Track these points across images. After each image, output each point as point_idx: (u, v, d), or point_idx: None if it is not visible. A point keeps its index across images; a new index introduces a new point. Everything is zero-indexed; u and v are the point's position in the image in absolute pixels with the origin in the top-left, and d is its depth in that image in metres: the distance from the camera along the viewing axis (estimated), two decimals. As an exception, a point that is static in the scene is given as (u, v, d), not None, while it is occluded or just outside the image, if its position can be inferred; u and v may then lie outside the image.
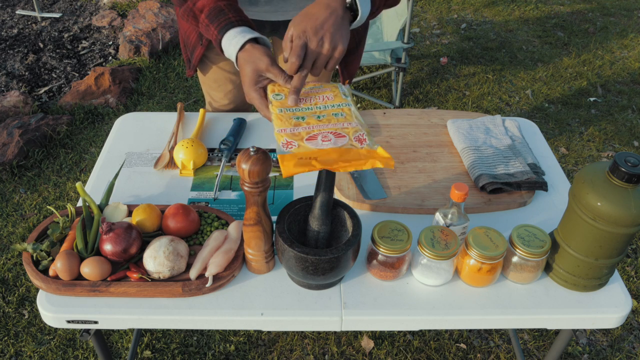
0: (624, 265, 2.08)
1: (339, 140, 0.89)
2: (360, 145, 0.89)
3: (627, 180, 0.87)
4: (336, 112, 0.95)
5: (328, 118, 0.93)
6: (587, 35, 3.68)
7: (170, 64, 3.28)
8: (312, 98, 0.98)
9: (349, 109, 0.96)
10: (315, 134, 0.89)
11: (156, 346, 1.79)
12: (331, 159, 0.85)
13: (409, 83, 3.16)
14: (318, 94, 1.00)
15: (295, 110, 0.95)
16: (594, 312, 1.00)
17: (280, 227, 0.97)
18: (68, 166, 2.53)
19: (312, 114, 0.94)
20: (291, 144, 0.88)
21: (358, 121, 0.94)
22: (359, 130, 0.91)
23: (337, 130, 0.91)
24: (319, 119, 0.93)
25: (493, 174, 1.21)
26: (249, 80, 1.01)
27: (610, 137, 2.78)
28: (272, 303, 1.00)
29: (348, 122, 0.92)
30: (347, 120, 0.93)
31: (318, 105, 0.96)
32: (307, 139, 0.89)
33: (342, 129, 0.91)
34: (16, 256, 2.08)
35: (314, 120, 0.93)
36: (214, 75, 1.46)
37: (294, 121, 0.92)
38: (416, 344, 1.81)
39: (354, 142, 0.89)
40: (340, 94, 1.00)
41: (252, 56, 1.00)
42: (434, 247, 0.97)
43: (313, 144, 0.87)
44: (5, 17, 3.80)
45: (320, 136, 0.89)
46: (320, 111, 0.95)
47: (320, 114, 0.94)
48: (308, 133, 0.90)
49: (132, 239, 1.02)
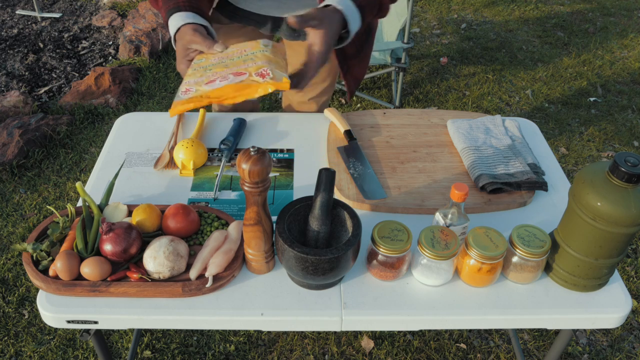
0: (624, 265, 2.08)
1: (237, 77, 0.86)
2: (262, 79, 0.85)
3: (627, 180, 0.87)
4: (246, 59, 0.91)
5: (235, 62, 0.90)
6: (587, 35, 3.68)
7: (170, 64, 3.28)
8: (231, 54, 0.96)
9: (262, 55, 0.91)
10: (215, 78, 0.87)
11: (156, 346, 1.79)
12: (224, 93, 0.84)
13: (409, 83, 3.16)
14: (238, 48, 0.98)
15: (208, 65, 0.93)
16: (594, 312, 1.00)
17: (280, 227, 0.97)
18: (68, 166, 2.53)
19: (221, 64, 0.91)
20: (189, 90, 0.87)
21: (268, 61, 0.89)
22: (264, 67, 0.87)
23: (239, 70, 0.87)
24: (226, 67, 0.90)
25: (493, 174, 1.21)
26: (179, 55, 1.05)
27: (610, 137, 2.78)
28: (272, 303, 1.00)
29: (254, 62, 0.89)
30: (254, 61, 0.89)
31: (232, 58, 0.93)
32: (207, 83, 0.87)
33: (245, 68, 0.87)
34: (16, 256, 2.08)
35: (220, 67, 0.90)
36: None
37: (201, 72, 0.91)
38: (416, 344, 1.81)
39: (254, 77, 0.86)
40: (260, 45, 0.97)
41: (182, 34, 1.04)
42: (434, 247, 0.97)
43: (210, 86, 0.86)
44: (5, 17, 3.80)
45: (218, 79, 0.87)
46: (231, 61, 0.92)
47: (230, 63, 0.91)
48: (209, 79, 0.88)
49: (132, 239, 1.02)
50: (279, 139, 1.39)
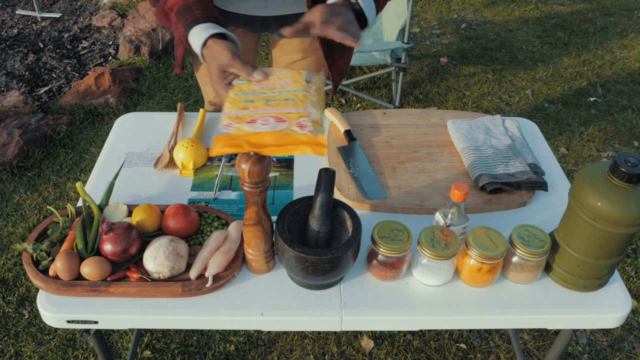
0: (624, 265, 2.08)
1: (278, 124, 0.86)
2: (301, 130, 0.86)
3: (627, 180, 0.87)
4: (288, 97, 0.90)
5: (277, 102, 0.90)
6: (587, 35, 3.68)
7: (170, 64, 3.28)
8: (272, 83, 0.95)
9: (303, 95, 0.91)
10: (256, 117, 0.87)
11: (156, 346, 1.79)
12: (264, 142, 0.85)
13: (409, 83, 3.16)
14: (279, 79, 0.96)
15: (249, 94, 0.92)
16: (594, 312, 1.00)
17: (280, 227, 0.97)
18: (68, 166, 2.53)
19: (263, 98, 0.91)
20: (231, 125, 0.87)
21: (309, 107, 0.89)
22: (304, 116, 0.87)
23: (280, 115, 0.87)
24: (267, 103, 0.90)
25: (493, 174, 1.21)
26: (215, 77, 1.00)
27: (610, 137, 2.78)
28: (272, 303, 1.00)
29: (295, 107, 0.88)
30: (296, 105, 0.89)
31: (274, 90, 0.93)
32: (248, 122, 0.87)
33: (285, 113, 0.88)
34: (16, 256, 2.08)
35: (262, 104, 0.90)
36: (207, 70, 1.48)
37: (242, 104, 0.90)
38: (416, 344, 1.81)
39: (294, 127, 0.86)
40: (301, 80, 0.95)
41: (214, 52, 1.00)
42: (434, 247, 0.97)
43: (251, 127, 0.86)
44: (5, 17, 3.80)
45: (260, 120, 0.86)
46: (273, 96, 0.91)
47: (272, 98, 0.91)
48: (250, 116, 0.87)
49: (132, 239, 1.02)
50: (279, 139, 1.38)
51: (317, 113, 0.90)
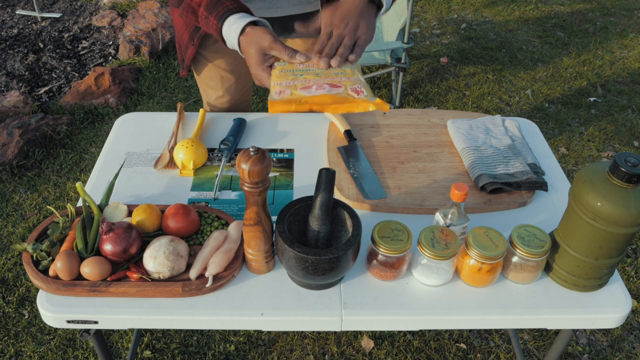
0: (624, 265, 2.08)
1: (333, 89, 0.88)
2: (357, 95, 0.88)
3: (627, 180, 0.87)
4: (337, 72, 0.93)
5: (327, 74, 0.92)
6: (587, 35, 3.68)
7: (170, 64, 3.28)
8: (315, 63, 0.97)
9: (351, 70, 0.93)
10: (310, 84, 0.88)
11: (156, 346, 1.79)
12: (324, 102, 0.85)
13: (409, 83, 3.16)
14: None
15: (296, 70, 0.94)
16: (594, 312, 1.00)
17: (280, 227, 0.97)
18: (68, 166, 2.53)
19: (312, 72, 0.93)
20: (284, 92, 0.88)
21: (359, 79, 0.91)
22: (357, 84, 0.88)
23: (334, 82, 0.89)
24: (317, 75, 0.92)
25: (493, 174, 1.21)
26: (255, 60, 1.01)
27: (610, 137, 2.78)
28: (272, 303, 1.00)
29: (347, 77, 0.91)
30: (347, 76, 0.91)
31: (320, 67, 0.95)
32: (301, 88, 0.88)
33: (339, 81, 0.90)
34: (16, 256, 2.08)
35: (312, 75, 0.92)
36: (209, 72, 1.48)
37: (292, 76, 0.91)
38: (416, 344, 1.81)
39: (350, 92, 0.88)
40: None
41: (254, 37, 1.01)
42: (434, 247, 0.97)
43: (306, 92, 0.87)
44: (5, 17, 3.80)
45: (314, 86, 0.88)
46: (320, 70, 0.94)
47: (320, 72, 0.93)
48: (304, 84, 0.89)
49: (132, 239, 1.02)
50: (279, 139, 1.39)
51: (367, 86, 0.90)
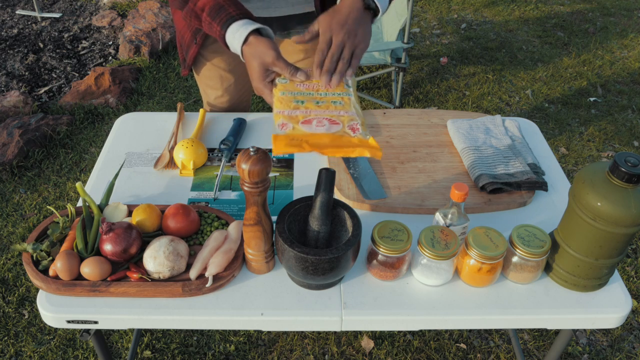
0: (624, 265, 2.08)
1: (332, 126, 0.91)
2: (353, 133, 0.92)
3: (627, 180, 0.87)
4: (335, 100, 0.97)
5: (326, 105, 0.95)
6: (587, 35, 3.68)
7: (170, 64, 3.28)
8: (315, 85, 1.00)
9: (348, 99, 0.98)
10: (310, 118, 0.92)
11: (156, 346, 1.79)
12: (322, 142, 0.89)
13: (409, 83, 3.16)
14: None
15: (297, 94, 0.97)
16: (594, 312, 1.00)
17: (280, 227, 0.97)
18: (68, 166, 2.53)
19: (312, 99, 0.96)
20: (286, 125, 0.92)
21: (355, 111, 0.96)
22: (354, 119, 0.93)
23: (333, 117, 0.93)
24: (317, 105, 0.95)
25: (493, 174, 1.21)
26: (257, 75, 1.02)
27: (610, 137, 2.78)
28: (272, 303, 1.00)
29: (345, 110, 0.95)
30: (345, 109, 0.95)
31: (319, 92, 0.98)
32: (302, 122, 0.92)
33: (337, 116, 0.93)
34: (16, 256, 2.08)
35: (313, 105, 0.95)
36: (209, 72, 1.48)
37: (293, 104, 0.95)
38: (416, 344, 1.81)
39: (346, 129, 0.92)
40: (342, 83, 1.02)
41: (257, 50, 1.02)
42: (434, 247, 0.97)
43: (307, 128, 0.91)
44: (5, 17, 3.80)
45: (315, 121, 0.92)
46: (320, 97, 0.97)
47: (320, 100, 0.96)
48: (304, 117, 0.92)
49: (132, 239, 1.02)
50: (279, 139, 1.38)
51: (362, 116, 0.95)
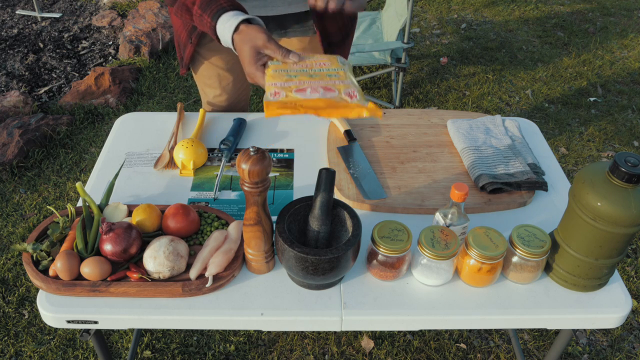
0: (624, 265, 2.08)
1: (327, 93, 0.89)
2: (350, 99, 0.89)
3: (627, 180, 0.87)
4: (330, 74, 0.94)
5: (321, 76, 0.93)
6: (587, 35, 3.68)
7: (170, 64, 3.28)
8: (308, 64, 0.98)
9: (344, 72, 0.95)
10: (304, 87, 0.89)
11: (156, 346, 1.79)
12: (318, 105, 0.87)
13: (409, 83, 3.16)
14: (316, 61, 0.99)
15: (290, 70, 0.95)
16: (594, 312, 1.00)
17: (280, 227, 0.97)
18: (68, 166, 2.53)
19: (306, 74, 0.94)
20: (279, 93, 0.89)
21: (352, 82, 0.93)
22: (351, 87, 0.90)
23: (328, 85, 0.90)
24: (311, 77, 0.93)
25: (493, 174, 1.21)
26: (249, 58, 1.01)
27: (610, 137, 2.78)
28: (272, 303, 1.00)
29: (341, 80, 0.92)
30: (341, 79, 0.93)
31: (313, 68, 0.96)
32: (296, 91, 0.89)
33: (333, 85, 0.91)
34: (16, 256, 2.08)
35: (306, 77, 0.93)
36: (207, 71, 1.49)
37: (285, 78, 0.93)
38: (416, 344, 1.81)
39: (343, 96, 0.89)
40: (337, 62, 1.00)
41: (248, 35, 1.01)
42: (434, 247, 0.97)
43: (301, 94, 0.88)
44: (5, 17, 3.80)
45: (309, 89, 0.89)
46: (314, 72, 0.95)
47: (314, 74, 0.94)
48: (297, 87, 0.90)
49: (132, 239, 1.02)
50: (279, 139, 1.39)
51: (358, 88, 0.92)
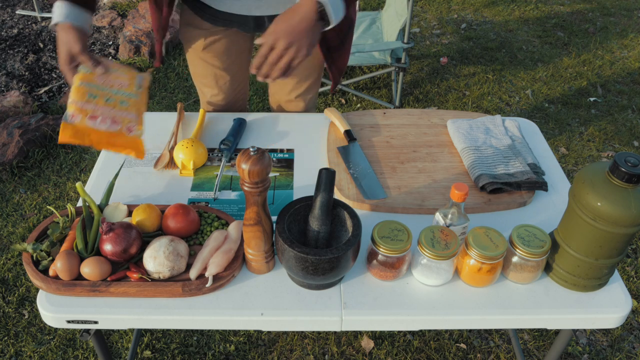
0: (624, 265, 2.08)
1: (112, 126, 1.11)
2: (129, 133, 1.12)
3: (627, 180, 0.87)
4: (123, 100, 1.15)
5: (114, 103, 1.13)
6: (587, 35, 3.68)
7: (171, 64, 3.28)
8: (111, 80, 1.16)
9: (134, 100, 1.16)
10: (97, 115, 1.10)
11: (156, 346, 1.79)
12: (101, 139, 1.09)
13: (409, 83, 3.16)
14: (118, 77, 1.17)
15: (93, 86, 1.13)
16: (594, 312, 1.00)
17: (280, 227, 0.97)
18: (68, 166, 2.53)
19: (104, 95, 1.13)
20: (76, 116, 1.09)
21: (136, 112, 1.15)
22: (132, 121, 1.13)
23: (115, 117, 1.12)
24: (106, 102, 1.13)
25: (493, 174, 1.21)
26: (64, 59, 1.14)
27: (610, 137, 2.78)
28: (272, 303, 1.00)
29: (128, 112, 1.14)
30: (128, 110, 1.14)
31: (112, 89, 1.15)
32: (90, 117, 1.09)
33: (120, 117, 1.13)
34: (16, 256, 2.08)
35: (102, 102, 1.12)
36: (203, 71, 1.49)
37: (87, 97, 1.11)
38: (416, 344, 1.81)
39: (124, 130, 1.12)
40: (135, 84, 1.18)
41: (67, 38, 1.13)
42: (434, 247, 0.97)
43: (92, 123, 1.09)
44: (5, 17, 3.80)
45: (100, 118, 1.10)
46: (111, 95, 1.14)
47: (110, 98, 1.14)
48: (93, 111, 1.10)
49: (132, 239, 1.02)
50: (279, 139, 1.39)
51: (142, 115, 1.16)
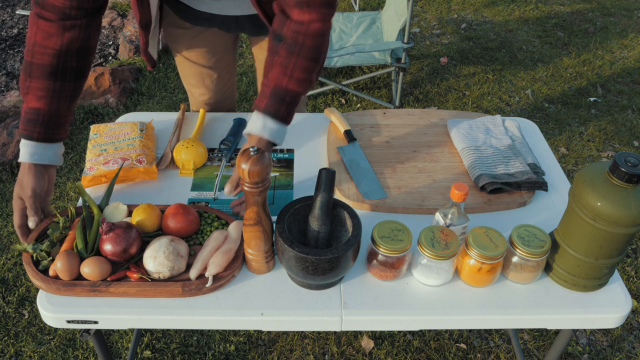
0: (624, 265, 2.08)
1: (123, 161, 1.24)
2: (140, 165, 1.23)
3: (627, 180, 0.87)
4: (129, 143, 1.29)
5: (122, 147, 1.28)
6: (587, 35, 3.68)
7: (170, 64, 3.28)
8: (117, 134, 1.32)
9: (139, 141, 1.30)
10: (109, 160, 1.24)
11: (156, 346, 1.79)
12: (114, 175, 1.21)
13: (409, 83, 3.16)
14: (122, 130, 1.33)
15: (102, 145, 1.29)
16: (594, 312, 1.00)
17: (280, 227, 0.97)
18: (68, 166, 2.53)
19: (113, 145, 1.29)
20: (93, 168, 1.24)
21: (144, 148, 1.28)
22: (141, 154, 1.26)
23: (125, 155, 1.25)
24: (115, 149, 1.27)
25: (493, 174, 1.21)
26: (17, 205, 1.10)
27: (610, 137, 2.78)
28: (272, 303, 1.00)
29: (135, 149, 1.27)
30: (135, 148, 1.27)
31: (119, 139, 1.31)
32: (103, 164, 1.24)
33: (129, 154, 1.25)
34: (16, 256, 2.08)
35: (112, 149, 1.28)
36: (189, 71, 1.50)
37: (98, 153, 1.27)
38: (416, 344, 1.81)
39: (134, 163, 1.24)
40: (137, 130, 1.33)
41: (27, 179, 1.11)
42: (434, 247, 0.97)
43: (106, 167, 1.23)
44: (5, 17, 3.80)
45: (112, 161, 1.24)
46: (119, 143, 1.29)
47: (118, 146, 1.28)
48: (105, 159, 1.25)
49: (132, 239, 1.02)
50: (279, 139, 1.38)
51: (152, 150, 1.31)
